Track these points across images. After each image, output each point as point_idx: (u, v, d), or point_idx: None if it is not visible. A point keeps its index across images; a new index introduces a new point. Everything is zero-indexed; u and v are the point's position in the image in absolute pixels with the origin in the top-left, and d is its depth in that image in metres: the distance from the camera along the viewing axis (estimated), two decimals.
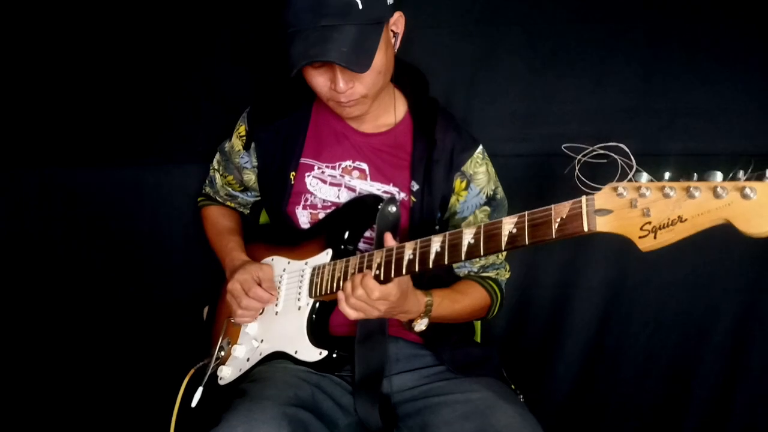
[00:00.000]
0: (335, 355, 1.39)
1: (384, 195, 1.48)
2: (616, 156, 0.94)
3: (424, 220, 1.48)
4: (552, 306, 2.04)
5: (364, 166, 1.52)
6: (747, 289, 1.92)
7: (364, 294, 1.24)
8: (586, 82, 1.87)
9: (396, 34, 1.38)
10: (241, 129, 1.63)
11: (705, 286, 1.94)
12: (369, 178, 1.51)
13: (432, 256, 1.19)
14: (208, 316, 1.74)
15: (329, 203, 1.52)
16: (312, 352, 1.41)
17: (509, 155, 1.86)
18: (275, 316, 1.51)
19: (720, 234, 0.89)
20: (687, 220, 0.87)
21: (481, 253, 1.11)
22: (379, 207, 1.41)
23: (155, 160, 2.06)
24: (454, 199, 1.52)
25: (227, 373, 1.52)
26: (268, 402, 1.27)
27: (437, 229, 1.51)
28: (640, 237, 0.91)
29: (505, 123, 1.91)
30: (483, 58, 1.89)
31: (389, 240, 1.29)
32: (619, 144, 0.94)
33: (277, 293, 1.51)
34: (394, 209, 1.41)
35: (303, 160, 1.54)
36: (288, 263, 1.54)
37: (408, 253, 1.22)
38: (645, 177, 0.91)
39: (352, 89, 1.34)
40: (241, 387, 1.42)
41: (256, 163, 1.62)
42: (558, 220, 1.00)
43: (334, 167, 1.53)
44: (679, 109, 1.84)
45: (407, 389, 1.47)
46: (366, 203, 1.46)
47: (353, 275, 1.29)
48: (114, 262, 2.15)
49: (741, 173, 0.83)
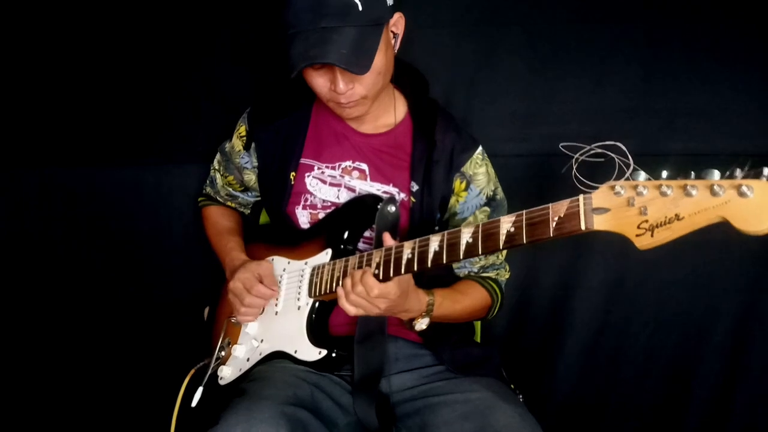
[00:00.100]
0: (335, 355, 1.39)
1: (383, 195, 1.48)
2: (613, 155, 0.94)
3: (423, 220, 1.48)
4: (552, 306, 2.03)
5: (363, 166, 1.52)
6: (747, 289, 1.92)
7: (363, 291, 1.24)
8: (586, 82, 1.87)
9: (396, 34, 1.38)
10: (242, 129, 1.63)
11: (705, 286, 1.94)
12: (369, 178, 1.51)
13: (430, 255, 1.19)
14: (208, 316, 1.74)
15: (329, 203, 1.53)
16: (311, 351, 1.41)
17: (509, 155, 1.86)
18: (275, 315, 1.51)
19: (720, 234, 0.89)
20: (684, 218, 0.87)
21: (480, 252, 1.11)
22: (379, 207, 1.41)
23: (155, 160, 2.06)
24: (453, 200, 1.52)
25: (227, 373, 1.52)
26: (266, 401, 1.26)
27: (437, 230, 1.51)
28: (637, 235, 0.91)
29: (505, 123, 1.91)
30: (483, 58, 1.89)
31: (388, 239, 1.29)
32: (617, 143, 0.94)
33: (279, 289, 1.51)
34: (393, 209, 1.41)
35: (303, 160, 1.54)
36: (288, 263, 1.54)
37: (407, 253, 1.23)
38: (642, 175, 0.91)
39: (352, 90, 1.34)
40: (241, 386, 1.42)
41: (256, 164, 1.62)
42: (556, 218, 1.00)
43: (333, 167, 1.53)
44: (679, 109, 1.84)
45: (407, 389, 1.47)
46: (365, 203, 1.46)
47: (353, 272, 1.29)
48: (114, 262, 2.15)
49: (738, 171, 0.83)
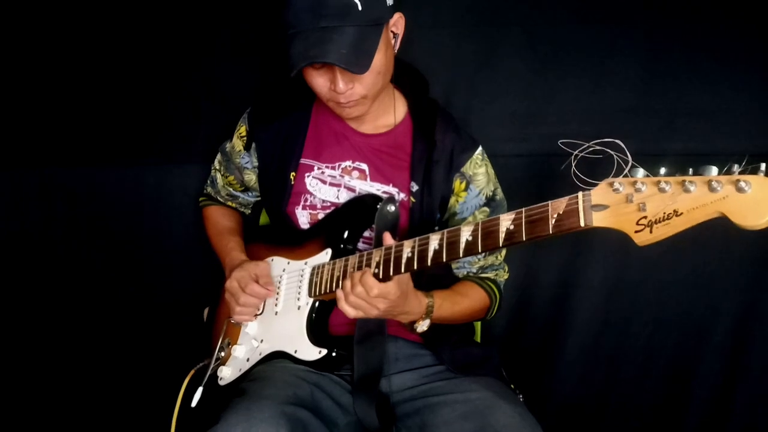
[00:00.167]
0: (334, 354, 1.39)
1: (383, 195, 1.48)
2: (612, 152, 0.94)
3: (423, 220, 1.48)
4: (552, 306, 2.03)
5: (363, 166, 1.52)
6: (747, 289, 1.92)
7: (363, 291, 1.24)
8: (586, 82, 1.87)
9: (396, 34, 1.38)
10: (242, 129, 1.63)
11: (705, 286, 1.94)
12: (369, 178, 1.51)
13: (430, 253, 1.19)
14: (208, 316, 1.74)
15: (329, 203, 1.53)
16: (311, 351, 1.40)
17: (509, 155, 1.86)
18: (275, 316, 1.51)
19: (720, 234, 0.90)
20: (682, 214, 0.87)
21: (479, 250, 1.12)
22: (378, 207, 1.41)
23: (155, 160, 2.06)
24: (453, 200, 1.52)
25: (227, 374, 1.52)
26: (266, 401, 1.26)
27: (437, 230, 1.51)
28: (636, 231, 0.92)
29: (505, 123, 1.91)
30: (483, 58, 1.89)
31: (388, 239, 1.29)
32: (615, 140, 0.94)
33: (275, 289, 1.51)
34: (393, 209, 1.41)
35: (303, 160, 1.54)
36: (288, 263, 1.54)
37: (406, 252, 1.23)
38: (641, 172, 0.92)
39: (351, 90, 1.34)
40: (241, 386, 1.42)
41: (256, 164, 1.63)
42: (555, 216, 1.01)
43: (333, 167, 1.53)
44: (679, 109, 1.84)
45: (407, 389, 1.47)
46: (365, 203, 1.46)
47: (352, 273, 1.29)
48: (114, 262, 2.14)
49: (736, 167, 0.83)
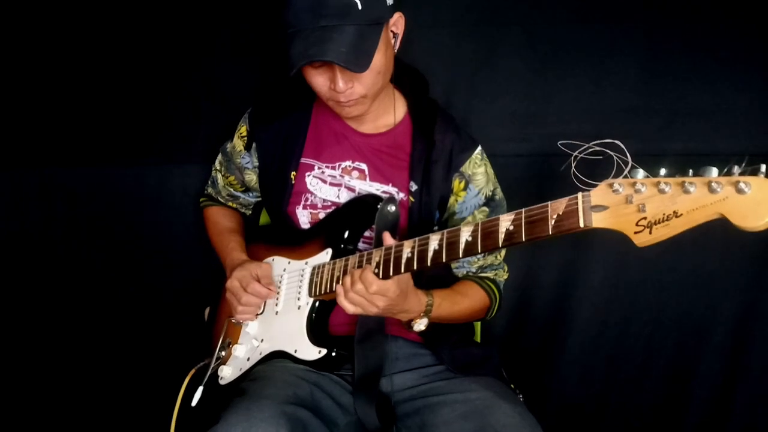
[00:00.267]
0: (334, 354, 1.39)
1: (383, 195, 1.48)
2: (611, 152, 0.94)
3: (422, 220, 1.48)
4: (552, 306, 2.03)
5: (363, 166, 1.52)
6: (747, 289, 1.92)
7: (362, 288, 1.24)
8: (586, 82, 1.87)
9: (396, 34, 1.38)
10: (243, 129, 1.63)
11: (705, 286, 1.94)
12: (368, 178, 1.51)
13: (430, 254, 1.19)
14: (209, 316, 1.74)
15: (329, 203, 1.53)
16: (311, 350, 1.40)
17: (509, 155, 1.87)
18: (275, 315, 1.51)
19: (720, 234, 0.90)
20: (682, 215, 0.87)
21: (479, 251, 1.12)
22: (379, 206, 1.41)
23: (155, 160, 2.06)
24: (452, 200, 1.51)
25: (228, 373, 1.52)
26: (266, 401, 1.26)
27: (436, 230, 1.51)
28: (635, 232, 0.91)
29: (505, 123, 1.91)
30: (483, 58, 1.89)
31: (388, 239, 1.29)
32: (615, 141, 0.94)
33: (276, 289, 1.51)
34: (393, 209, 1.41)
35: (303, 160, 1.54)
36: (288, 263, 1.54)
37: (406, 252, 1.23)
38: (641, 173, 0.92)
39: (351, 89, 1.34)
40: (241, 386, 1.42)
41: (257, 164, 1.63)
42: (554, 216, 1.01)
43: (333, 167, 1.53)
44: (679, 109, 1.84)
45: (406, 388, 1.47)
46: (366, 203, 1.46)
47: (352, 270, 1.29)
48: (114, 262, 2.15)
49: (735, 168, 0.83)
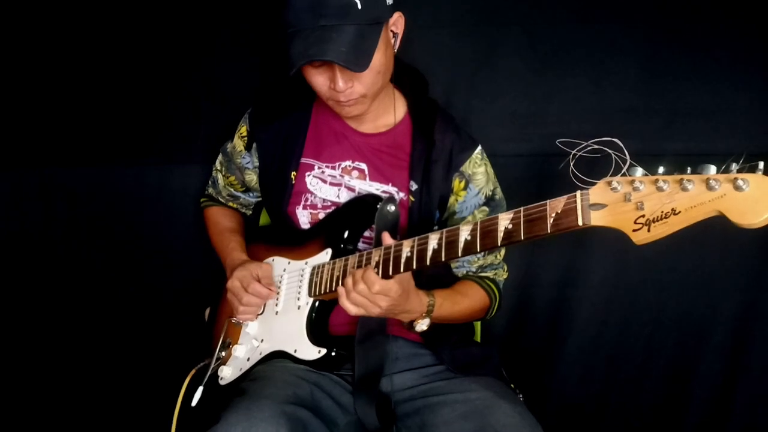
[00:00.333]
0: (334, 354, 1.39)
1: (383, 195, 1.49)
2: (610, 151, 0.94)
3: (422, 219, 1.48)
4: (552, 306, 2.03)
5: (363, 166, 1.52)
6: (747, 289, 1.92)
7: (365, 288, 1.23)
8: (586, 82, 1.87)
9: (395, 34, 1.38)
10: (243, 129, 1.63)
11: (705, 286, 1.94)
12: (368, 178, 1.51)
13: (429, 253, 1.19)
14: (209, 316, 1.74)
15: (329, 203, 1.53)
16: (311, 350, 1.40)
17: (509, 155, 1.86)
18: (275, 315, 1.51)
19: (720, 234, 0.89)
20: (680, 212, 0.87)
21: (478, 250, 1.12)
22: (378, 206, 1.41)
23: (155, 160, 2.06)
24: (452, 199, 1.52)
25: (228, 373, 1.52)
26: (266, 401, 1.27)
27: (436, 230, 1.51)
28: (634, 230, 0.91)
29: (505, 123, 1.91)
30: (483, 58, 1.89)
31: (387, 239, 1.29)
32: (614, 139, 0.94)
33: (276, 289, 1.51)
34: (393, 208, 1.41)
35: (303, 159, 1.54)
36: (288, 263, 1.54)
37: (406, 251, 1.23)
38: (639, 171, 0.92)
39: (351, 89, 1.34)
40: (241, 386, 1.42)
41: (257, 164, 1.63)
42: (553, 215, 1.01)
43: (333, 167, 1.53)
44: (679, 109, 1.84)
45: (406, 388, 1.47)
46: (366, 203, 1.46)
47: (354, 270, 1.29)
48: (114, 262, 2.15)
49: (733, 166, 0.83)
